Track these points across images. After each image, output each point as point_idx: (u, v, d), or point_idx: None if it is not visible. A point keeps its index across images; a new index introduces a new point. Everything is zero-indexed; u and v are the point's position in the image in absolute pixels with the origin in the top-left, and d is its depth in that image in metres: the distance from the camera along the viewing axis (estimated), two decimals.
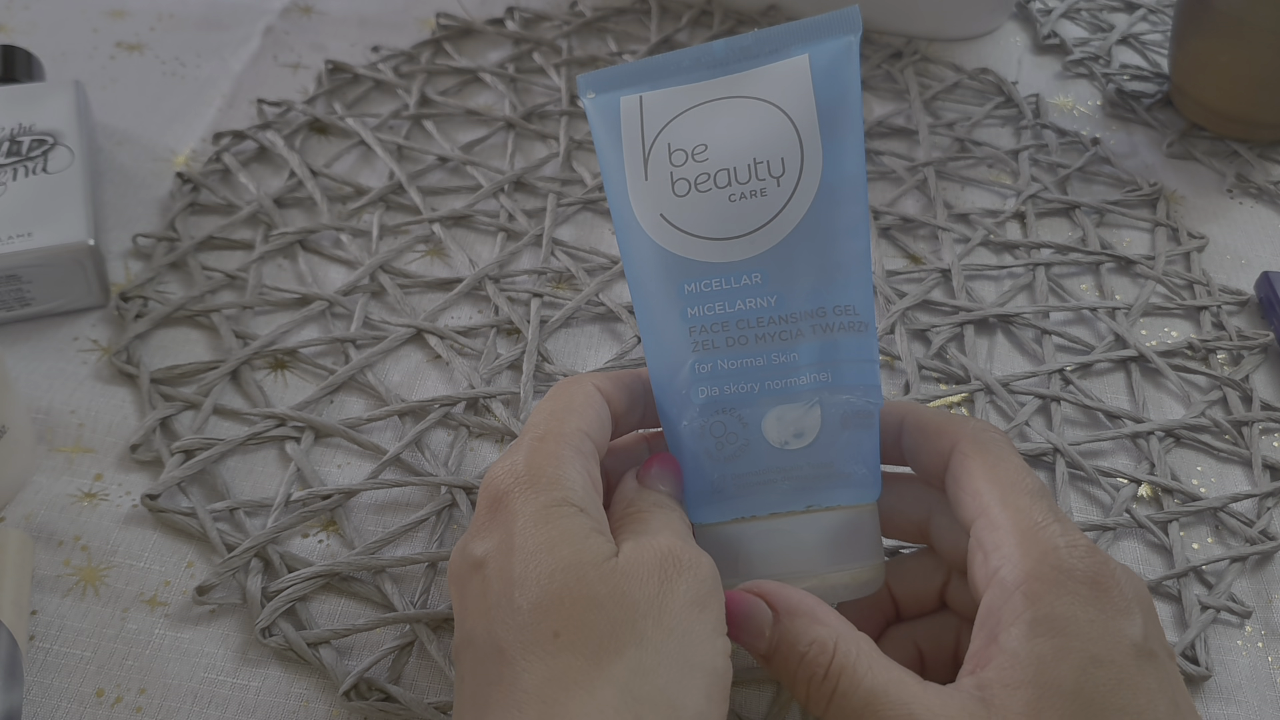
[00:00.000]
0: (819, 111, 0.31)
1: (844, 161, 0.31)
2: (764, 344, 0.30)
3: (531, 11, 0.60)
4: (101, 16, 0.57)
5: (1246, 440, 0.43)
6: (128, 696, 0.33)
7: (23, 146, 0.44)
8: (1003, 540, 0.27)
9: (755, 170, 0.31)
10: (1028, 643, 0.26)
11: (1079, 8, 0.65)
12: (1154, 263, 0.50)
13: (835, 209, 0.31)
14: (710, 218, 0.31)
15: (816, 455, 0.30)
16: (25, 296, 0.42)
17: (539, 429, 0.29)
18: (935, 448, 0.30)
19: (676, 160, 0.32)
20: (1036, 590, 0.26)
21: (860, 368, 0.31)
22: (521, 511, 0.27)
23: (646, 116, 0.32)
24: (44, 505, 0.37)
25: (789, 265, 0.30)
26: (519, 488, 0.28)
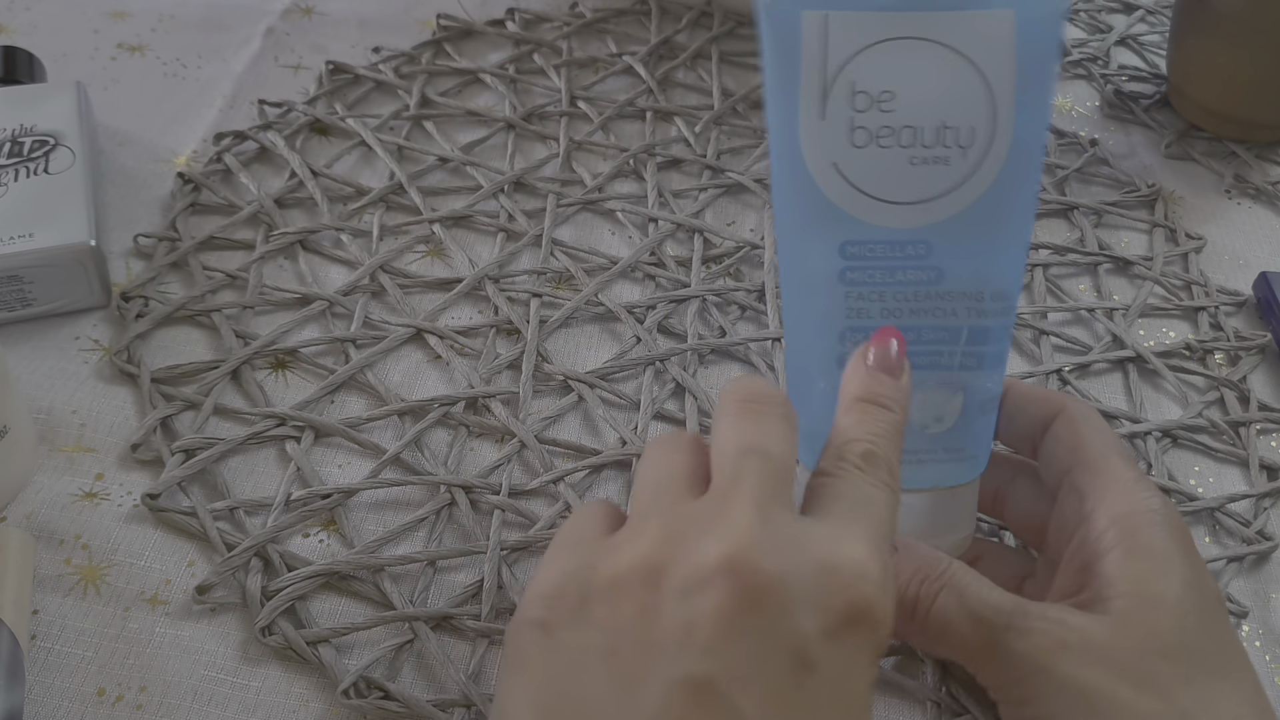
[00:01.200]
0: (1018, 74, 0.29)
1: (1034, 133, 0.29)
2: (918, 319, 0.30)
3: (532, 13, 0.60)
4: (102, 18, 0.58)
5: (1244, 441, 0.43)
6: (128, 695, 0.33)
7: (24, 147, 0.45)
8: (1101, 485, 0.30)
9: (942, 136, 0.29)
10: (1128, 563, 0.28)
11: (1077, 9, 0.66)
12: (1152, 263, 0.50)
13: (1016, 188, 0.29)
14: (886, 177, 0.29)
15: (952, 440, 0.30)
16: (27, 297, 0.42)
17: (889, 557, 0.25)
18: (1039, 412, 0.32)
19: (859, 104, 0.29)
20: (1134, 524, 0.28)
21: (1001, 354, 0.31)
22: (866, 673, 0.24)
23: (832, 42, 0.29)
24: (45, 505, 0.37)
25: (957, 242, 0.29)
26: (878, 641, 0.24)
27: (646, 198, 0.51)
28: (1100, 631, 0.27)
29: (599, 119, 0.54)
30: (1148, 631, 0.27)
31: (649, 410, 0.42)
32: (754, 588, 0.22)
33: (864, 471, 0.27)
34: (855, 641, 0.23)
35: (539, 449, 0.40)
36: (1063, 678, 0.27)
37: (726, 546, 0.23)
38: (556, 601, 0.25)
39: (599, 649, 0.23)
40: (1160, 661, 0.27)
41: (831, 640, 0.23)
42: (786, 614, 0.22)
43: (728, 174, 0.52)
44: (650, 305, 0.46)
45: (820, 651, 0.22)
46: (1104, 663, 0.27)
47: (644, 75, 0.57)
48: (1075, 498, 0.31)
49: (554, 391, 0.43)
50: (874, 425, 0.28)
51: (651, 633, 0.23)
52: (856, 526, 0.25)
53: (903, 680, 0.35)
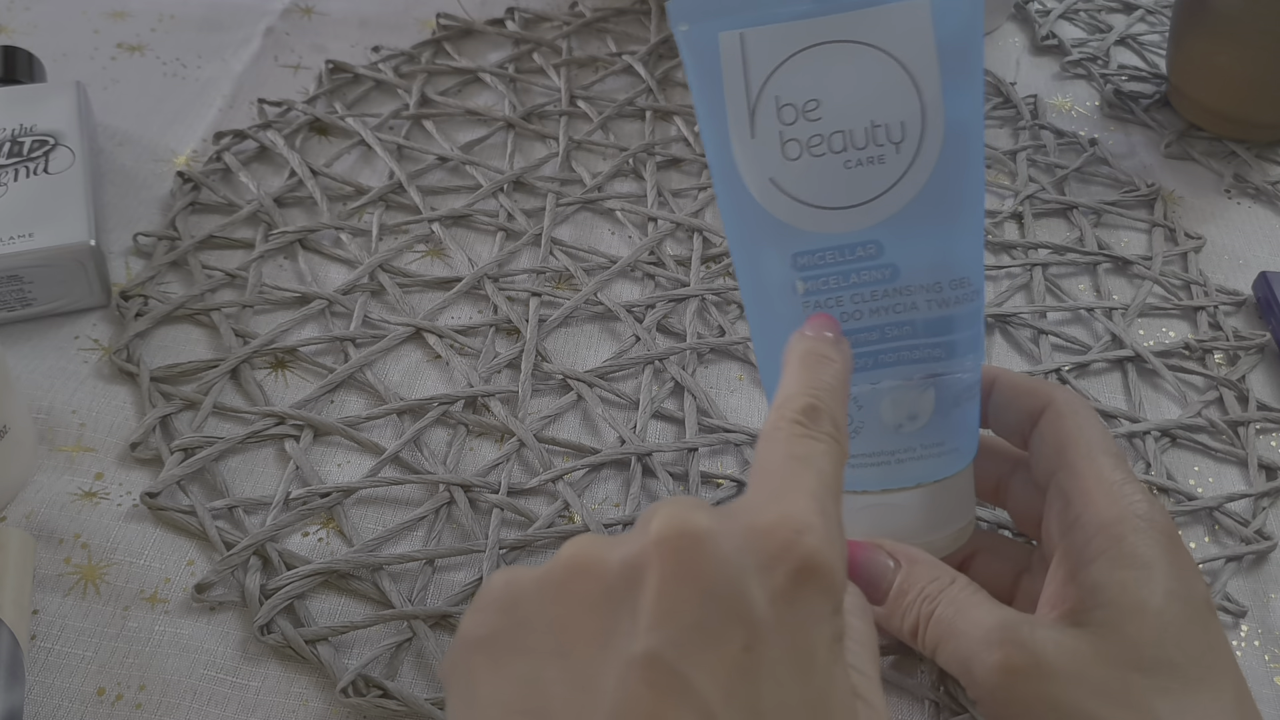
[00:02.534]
0: (941, 61, 0.29)
1: (967, 116, 0.29)
2: (880, 317, 0.30)
3: (531, 12, 0.60)
4: (102, 17, 0.58)
5: (1242, 440, 0.43)
6: (128, 694, 0.33)
7: (24, 147, 0.45)
8: (1086, 489, 0.29)
9: (873, 135, 0.29)
10: (1112, 571, 0.28)
11: (1077, 8, 0.66)
12: (1151, 263, 0.50)
13: (957, 173, 0.29)
14: (824, 185, 0.29)
15: (930, 436, 0.30)
16: (27, 296, 0.42)
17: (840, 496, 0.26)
18: (1027, 405, 0.32)
19: (786, 117, 0.29)
20: (1119, 532, 0.28)
21: (972, 339, 0.30)
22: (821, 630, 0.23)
23: (750, 59, 0.29)
24: (45, 504, 0.37)
25: (907, 236, 0.29)
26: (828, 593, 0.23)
27: (646, 197, 0.51)
28: (1079, 649, 0.27)
29: (598, 118, 0.54)
30: (1126, 644, 0.27)
31: (648, 409, 0.42)
32: (688, 553, 0.22)
33: (803, 425, 0.26)
34: (804, 599, 0.22)
35: (538, 448, 0.40)
36: (1035, 694, 0.27)
37: (656, 522, 0.23)
38: (490, 615, 0.24)
39: (546, 649, 0.23)
40: (1136, 675, 0.27)
41: (777, 601, 0.22)
42: (725, 578, 0.22)
43: None
44: (649, 304, 0.46)
45: (767, 614, 0.22)
46: (1080, 682, 0.27)
47: (643, 74, 0.57)
48: (1061, 502, 0.30)
49: (553, 390, 0.43)
50: (813, 378, 0.27)
51: (596, 619, 0.22)
52: (794, 481, 0.25)
53: (902, 679, 0.35)
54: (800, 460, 0.25)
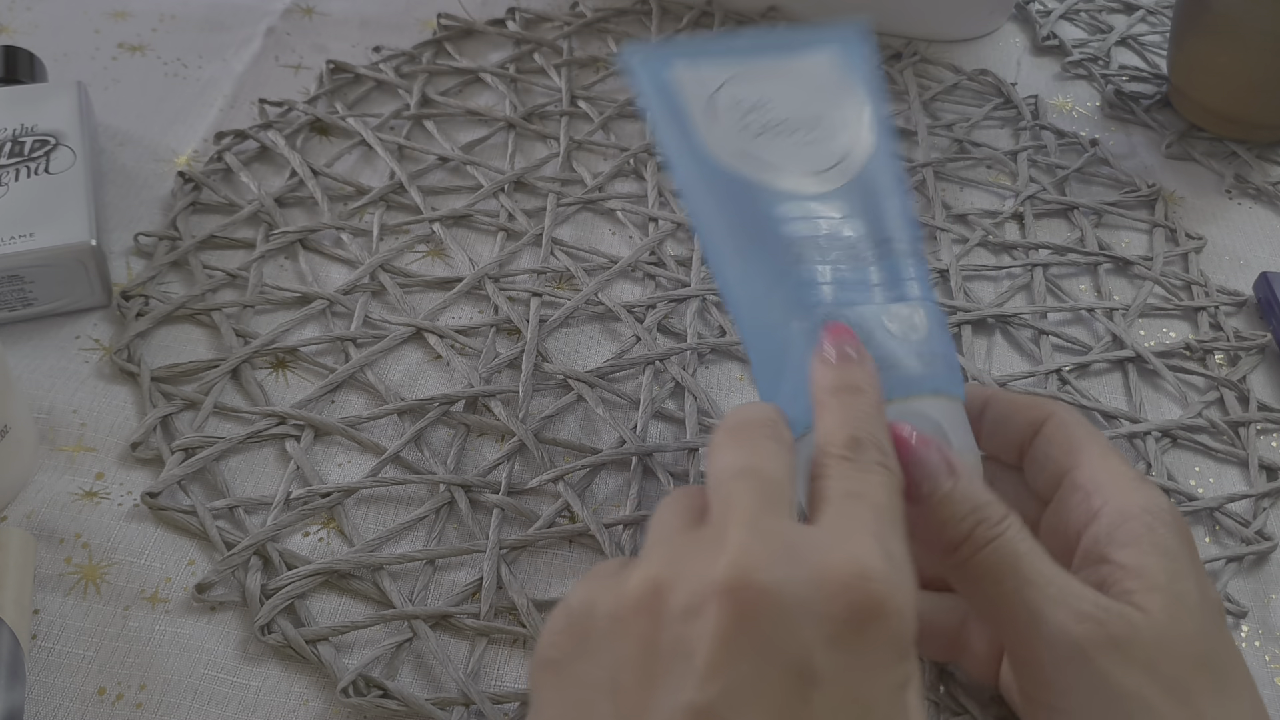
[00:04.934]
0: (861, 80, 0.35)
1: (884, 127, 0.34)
2: (859, 262, 0.32)
3: (532, 12, 0.60)
4: (103, 17, 0.58)
5: (1243, 441, 0.43)
6: (128, 693, 0.33)
7: (25, 147, 0.45)
8: (1107, 482, 0.29)
9: (818, 124, 0.34)
10: (1150, 558, 0.27)
11: (1078, 9, 0.66)
12: (1152, 263, 0.50)
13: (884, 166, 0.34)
14: (786, 156, 0.33)
15: (932, 346, 0.31)
16: (27, 296, 0.42)
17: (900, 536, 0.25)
18: (1027, 417, 0.32)
19: (744, 108, 0.34)
20: (1150, 522, 0.28)
21: (928, 284, 0.33)
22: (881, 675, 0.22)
23: (704, 75, 0.35)
24: (45, 504, 0.37)
25: (861, 201, 0.33)
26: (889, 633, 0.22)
27: (646, 197, 0.51)
28: (1149, 631, 0.26)
29: (599, 118, 0.54)
30: (1183, 636, 0.26)
31: (648, 409, 0.42)
32: (750, 605, 0.22)
33: (851, 460, 0.26)
34: (865, 644, 0.22)
35: (538, 448, 0.40)
36: (1104, 674, 0.26)
37: (721, 567, 0.22)
38: (563, 638, 0.24)
39: (603, 684, 0.23)
40: (1193, 670, 0.26)
41: (836, 648, 0.22)
42: (785, 628, 0.22)
43: None
44: (650, 304, 0.46)
45: (825, 661, 0.21)
46: (1148, 667, 0.26)
47: None
48: (1079, 495, 0.30)
49: (554, 390, 0.43)
50: (851, 411, 0.27)
51: (652, 663, 0.22)
52: (852, 522, 0.24)
53: None
54: (856, 497, 0.25)
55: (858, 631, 0.22)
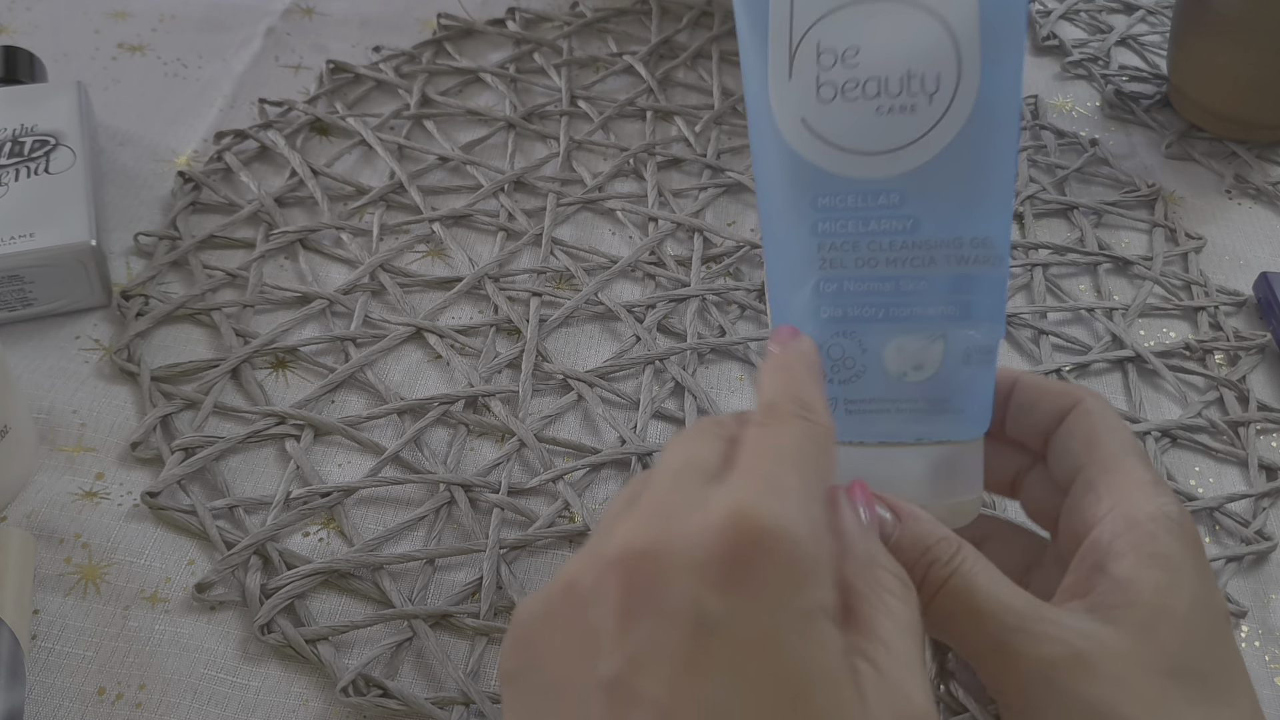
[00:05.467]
0: (982, 28, 0.29)
1: (1002, 85, 0.29)
2: (894, 268, 0.30)
3: (532, 12, 0.60)
4: (103, 18, 0.58)
5: (1243, 440, 0.43)
6: (128, 693, 0.33)
7: (25, 147, 0.45)
8: (1119, 484, 0.29)
9: (908, 84, 0.29)
10: (1143, 570, 0.27)
11: (1078, 9, 0.66)
12: (1152, 263, 0.50)
13: (986, 136, 0.29)
14: (854, 128, 0.29)
15: (933, 390, 0.30)
16: (28, 296, 0.42)
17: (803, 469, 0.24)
18: (1054, 404, 0.31)
19: (825, 62, 0.30)
20: (1152, 530, 0.27)
21: (990, 303, 0.30)
22: (780, 606, 0.22)
23: (798, 7, 0.30)
24: (45, 504, 0.37)
25: (930, 189, 0.29)
26: (782, 565, 0.22)
27: (646, 197, 0.51)
28: (1117, 645, 0.26)
29: (599, 118, 0.54)
30: (1160, 649, 0.26)
31: (648, 409, 0.42)
32: (636, 570, 0.22)
33: (763, 424, 0.26)
34: (754, 580, 0.22)
35: (538, 448, 0.40)
36: (1072, 693, 0.26)
37: (611, 544, 0.23)
38: (513, 651, 0.24)
39: (545, 687, 0.23)
40: (1170, 683, 0.26)
41: (726, 591, 0.21)
42: (670, 584, 0.22)
43: (728, 173, 0.52)
44: (650, 304, 0.46)
45: (717, 606, 0.21)
46: (1116, 681, 0.26)
47: (644, 75, 0.57)
48: (1090, 496, 0.29)
49: (553, 390, 0.43)
50: (771, 383, 0.27)
51: (579, 653, 0.23)
52: (743, 471, 0.24)
53: None
54: (756, 453, 0.25)
55: (743, 569, 0.22)
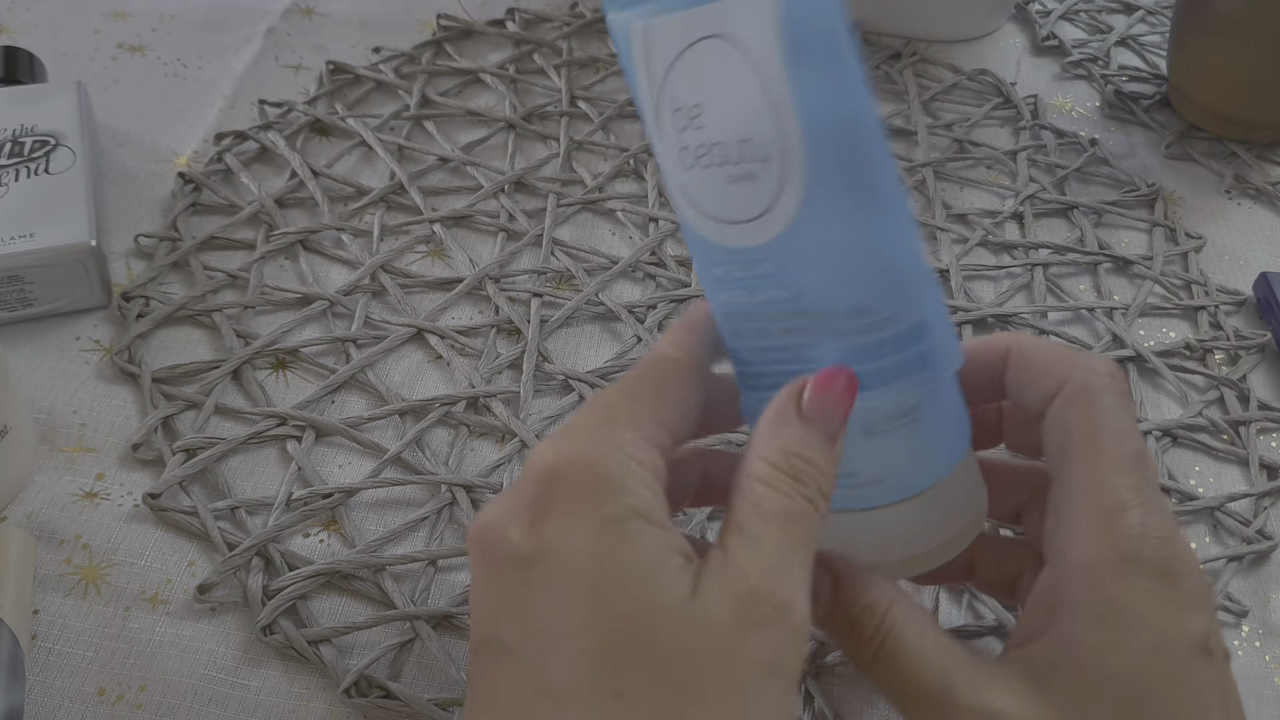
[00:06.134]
0: (788, 64, 0.24)
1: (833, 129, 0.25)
2: (789, 338, 0.27)
3: (532, 13, 0.60)
4: (103, 18, 0.58)
5: (1243, 440, 0.43)
6: (129, 694, 0.33)
7: (25, 147, 0.45)
8: (1078, 516, 0.26)
9: (743, 150, 0.26)
10: (1085, 628, 0.25)
11: (1078, 9, 0.66)
12: (1152, 263, 0.50)
13: (836, 196, 0.25)
14: (718, 198, 0.26)
15: (844, 464, 0.27)
16: (27, 297, 0.42)
17: (609, 407, 0.25)
18: (1040, 388, 0.28)
19: (679, 123, 0.26)
20: (1102, 578, 0.25)
21: (890, 367, 0.26)
22: (581, 520, 0.23)
23: (651, 56, 0.26)
24: (46, 504, 0.37)
25: (799, 257, 0.26)
26: (577, 486, 0.23)
27: (647, 197, 0.51)
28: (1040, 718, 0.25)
29: (599, 119, 0.54)
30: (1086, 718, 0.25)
31: None
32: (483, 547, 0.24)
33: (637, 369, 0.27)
34: (556, 508, 0.23)
35: None
36: None
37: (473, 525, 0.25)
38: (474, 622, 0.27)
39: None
40: None
41: (533, 527, 0.23)
42: (501, 532, 0.24)
43: None
44: (651, 305, 0.46)
45: (528, 542, 0.23)
46: None
47: None
48: (1052, 522, 0.27)
49: (555, 391, 0.43)
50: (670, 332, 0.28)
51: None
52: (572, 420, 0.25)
53: None
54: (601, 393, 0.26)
55: (543, 504, 0.23)
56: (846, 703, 0.35)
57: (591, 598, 0.23)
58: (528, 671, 0.23)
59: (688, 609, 0.23)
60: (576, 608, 0.23)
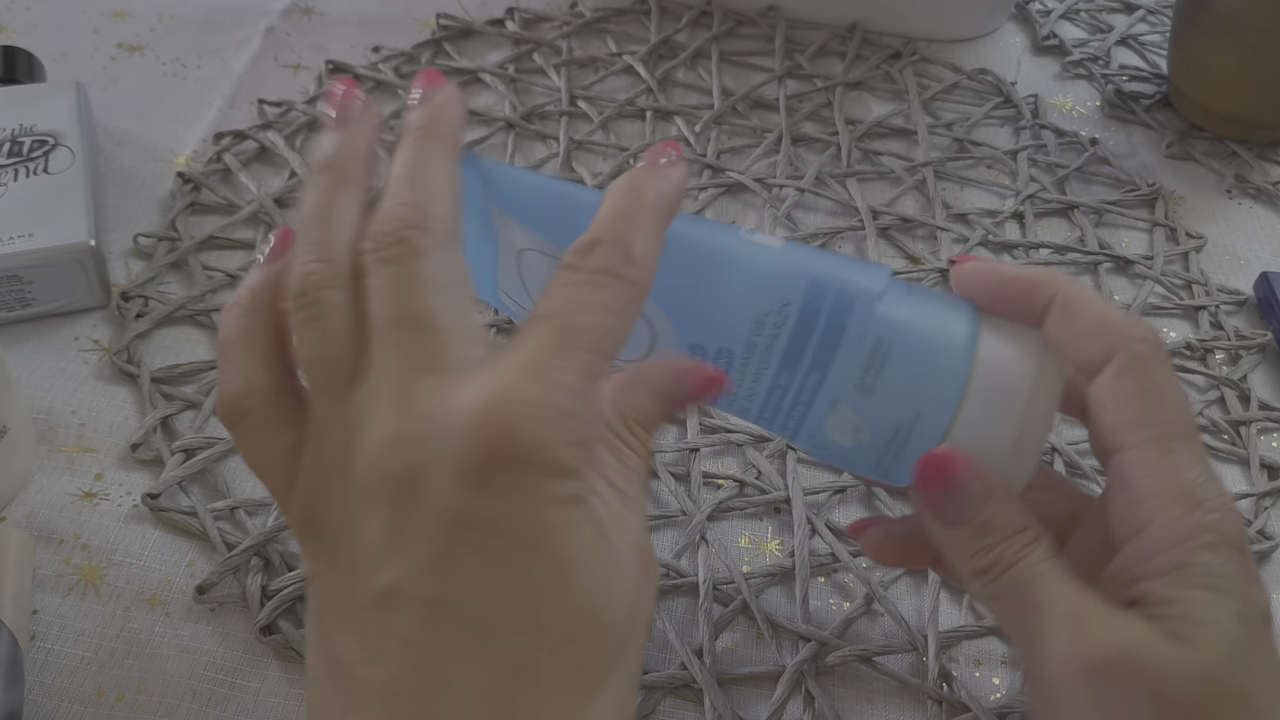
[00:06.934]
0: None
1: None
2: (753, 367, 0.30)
3: (531, 12, 0.60)
4: (102, 17, 0.58)
5: (1244, 440, 0.43)
6: (128, 695, 0.33)
7: (24, 147, 0.45)
8: (1155, 490, 0.26)
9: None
10: (1183, 590, 0.25)
11: (1078, 9, 0.66)
12: (1152, 263, 0.50)
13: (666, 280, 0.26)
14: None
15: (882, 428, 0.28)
16: (26, 297, 0.42)
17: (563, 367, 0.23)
18: (1089, 350, 0.27)
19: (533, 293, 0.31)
20: (1190, 548, 0.26)
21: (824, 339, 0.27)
22: (535, 501, 0.22)
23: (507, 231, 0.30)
24: (45, 505, 0.37)
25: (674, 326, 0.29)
26: (529, 464, 0.22)
27: None
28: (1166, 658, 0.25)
29: (599, 118, 0.54)
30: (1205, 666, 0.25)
31: None
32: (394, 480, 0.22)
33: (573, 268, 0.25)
34: (498, 477, 0.22)
35: None
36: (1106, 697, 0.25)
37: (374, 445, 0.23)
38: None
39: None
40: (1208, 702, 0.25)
41: (474, 490, 0.22)
42: (426, 490, 0.22)
43: (728, 173, 0.52)
44: None
45: (467, 506, 0.22)
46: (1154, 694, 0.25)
47: (644, 75, 0.57)
48: (1125, 496, 0.27)
49: None
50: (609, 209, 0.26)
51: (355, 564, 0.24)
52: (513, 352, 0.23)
53: (905, 679, 0.35)
54: (542, 318, 0.24)
55: (486, 467, 0.22)
56: (847, 703, 0.35)
57: (548, 581, 0.22)
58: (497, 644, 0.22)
59: (616, 573, 0.23)
60: (530, 586, 0.22)
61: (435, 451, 0.22)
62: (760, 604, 0.37)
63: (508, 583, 0.22)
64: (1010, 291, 0.28)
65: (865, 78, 0.59)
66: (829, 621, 0.36)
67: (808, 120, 0.56)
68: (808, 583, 0.37)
